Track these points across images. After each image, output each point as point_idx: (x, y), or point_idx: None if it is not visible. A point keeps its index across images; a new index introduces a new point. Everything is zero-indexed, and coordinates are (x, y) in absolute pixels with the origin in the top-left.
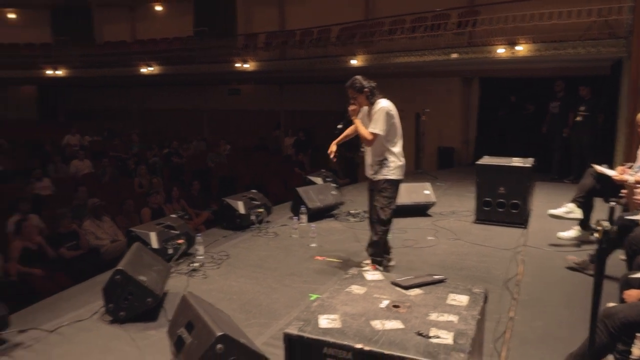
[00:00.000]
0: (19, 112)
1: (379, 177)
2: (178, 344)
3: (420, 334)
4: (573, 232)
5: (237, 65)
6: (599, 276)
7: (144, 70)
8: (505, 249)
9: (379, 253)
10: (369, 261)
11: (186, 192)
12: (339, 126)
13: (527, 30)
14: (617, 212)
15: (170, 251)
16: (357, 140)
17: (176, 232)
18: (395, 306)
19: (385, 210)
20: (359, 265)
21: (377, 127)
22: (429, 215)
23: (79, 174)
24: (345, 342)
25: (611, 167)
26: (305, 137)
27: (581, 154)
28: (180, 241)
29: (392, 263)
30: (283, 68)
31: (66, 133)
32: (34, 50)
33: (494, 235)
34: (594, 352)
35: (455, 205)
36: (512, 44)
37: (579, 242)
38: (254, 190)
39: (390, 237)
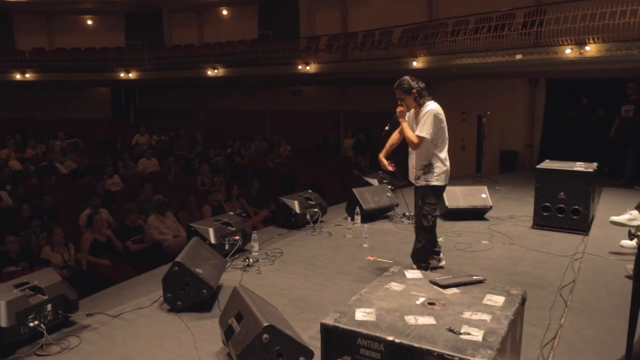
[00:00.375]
0: (93, 112)
1: (422, 182)
2: (228, 333)
3: (451, 330)
4: (637, 240)
5: (299, 67)
6: (638, 279)
7: (209, 72)
8: (563, 256)
9: (424, 259)
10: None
11: (246, 190)
12: (387, 128)
13: (597, 30)
14: None
15: (226, 247)
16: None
17: (233, 228)
18: (430, 303)
19: (427, 217)
20: (409, 266)
21: (424, 130)
22: (486, 219)
23: (146, 172)
24: (378, 334)
25: None
26: (365, 139)
27: None
28: (236, 237)
29: (442, 263)
30: (344, 70)
31: (136, 132)
32: (108, 54)
33: (552, 241)
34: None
35: (514, 210)
36: (580, 43)
37: None
38: (309, 191)
39: (441, 239)
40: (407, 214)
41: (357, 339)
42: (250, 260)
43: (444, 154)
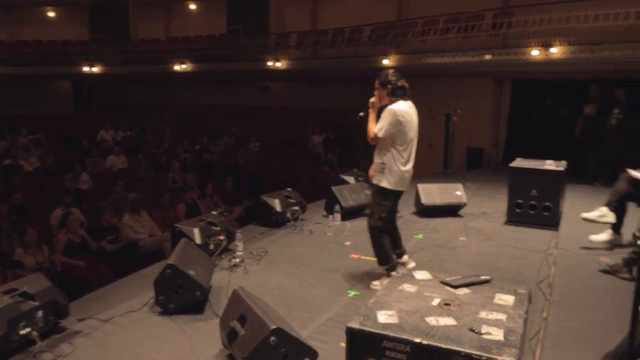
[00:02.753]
0: (55, 107)
1: (375, 181)
2: (231, 336)
3: (472, 330)
4: (605, 235)
5: (269, 63)
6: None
7: (177, 67)
8: (537, 251)
9: (384, 260)
10: (377, 282)
11: (219, 188)
12: (361, 114)
13: (563, 32)
14: None
15: (211, 247)
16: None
17: (217, 228)
18: (446, 304)
19: (374, 216)
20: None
21: (378, 127)
22: (460, 216)
23: (114, 169)
24: (405, 336)
25: None
26: (335, 136)
27: (615, 157)
28: (221, 237)
29: (410, 265)
30: (314, 67)
31: (100, 128)
32: (71, 47)
33: (525, 237)
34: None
35: (486, 207)
36: (546, 45)
37: (611, 245)
38: (289, 189)
39: (420, 236)
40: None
41: (382, 341)
42: (237, 260)
43: (402, 158)
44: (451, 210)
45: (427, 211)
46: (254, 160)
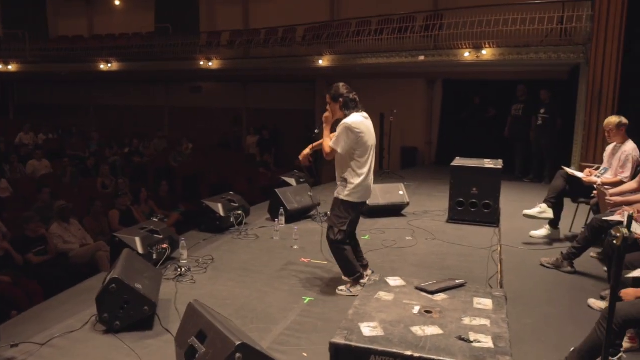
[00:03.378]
0: None
1: (335, 194)
2: (189, 354)
3: (461, 339)
4: (544, 230)
5: (201, 63)
6: (617, 278)
7: (102, 66)
8: (482, 248)
9: (352, 272)
10: (343, 287)
11: (153, 192)
12: (316, 130)
13: (492, 35)
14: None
15: (154, 256)
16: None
17: (160, 236)
18: (427, 311)
19: (333, 230)
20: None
21: (332, 142)
22: (404, 216)
23: (37, 175)
24: (394, 350)
25: (569, 167)
26: (270, 136)
27: (541, 155)
28: (164, 245)
29: (374, 277)
30: (247, 67)
31: (18, 130)
32: None
33: (468, 235)
34: (599, 348)
35: (427, 205)
36: (477, 47)
37: (550, 240)
38: (231, 192)
39: (367, 237)
40: (329, 213)
41: (370, 356)
42: (182, 269)
43: (363, 170)
44: (394, 210)
45: (371, 212)
46: (188, 163)
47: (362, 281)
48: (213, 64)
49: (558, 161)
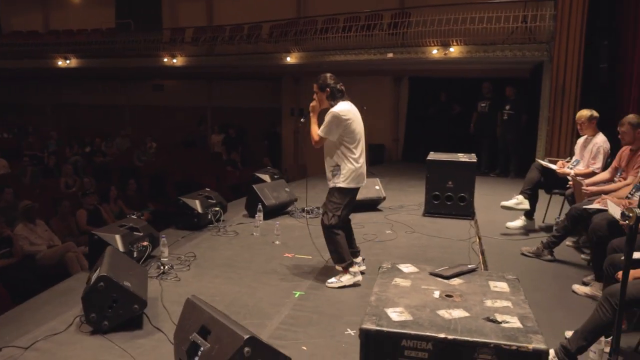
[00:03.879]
0: None
1: (331, 184)
2: (191, 350)
3: (490, 320)
4: (520, 221)
5: (165, 60)
6: (629, 258)
7: (60, 63)
8: (461, 240)
9: (342, 259)
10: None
11: (121, 191)
12: (302, 120)
13: (459, 33)
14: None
15: (135, 254)
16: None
17: (140, 234)
18: (448, 295)
19: (328, 214)
20: (330, 260)
21: (320, 130)
22: (380, 210)
23: None
24: (427, 333)
25: (534, 162)
26: (236, 135)
27: (506, 150)
28: (144, 243)
29: (362, 268)
30: (212, 64)
31: None
32: None
33: (445, 227)
34: (601, 328)
35: (401, 199)
36: (445, 45)
37: (526, 230)
38: (207, 189)
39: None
40: (306, 208)
41: (401, 340)
42: (165, 267)
43: (355, 155)
44: (371, 205)
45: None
46: (154, 162)
47: (351, 269)
48: (177, 61)
49: (523, 156)
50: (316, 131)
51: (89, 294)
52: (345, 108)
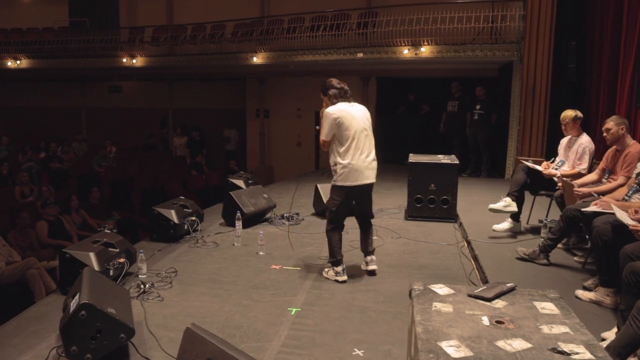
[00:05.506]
0: None
1: (332, 182)
2: None
3: (557, 351)
4: (506, 224)
5: (124, 60)
6: None
7: (10, 63)
8: (450, 244)
9: (330, 254)
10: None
11: (83, 200)
12: (317, 127)
13: (428, 33)
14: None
15: (111, 272)
16: None
17: (116, 250)
18: (498, 322)
19: (328, 210)
20: (320, 270)
21: (322, 133)
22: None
23: None
24: None
25: (505, 161)
26: (200, 137)
27: (477, 149)
28: (121, 260)
29: (371, 267)
30: (173, 64)
31: None
32: None
33: (430, 231)
34: (637, 342)
35: (380, 204)
36: (416, 45)
37: (513, 232)
38: (182, 197)
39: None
40: (285, 215)
41: None
42: (145, 285)
43: (347, 154)
44: (351, 210)
45: (338, 214)
46: (115, 167)
47: (336, 268)
48: (137, 62)
49: (494, 155)
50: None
51: (69, 325)
52: (337, 107)
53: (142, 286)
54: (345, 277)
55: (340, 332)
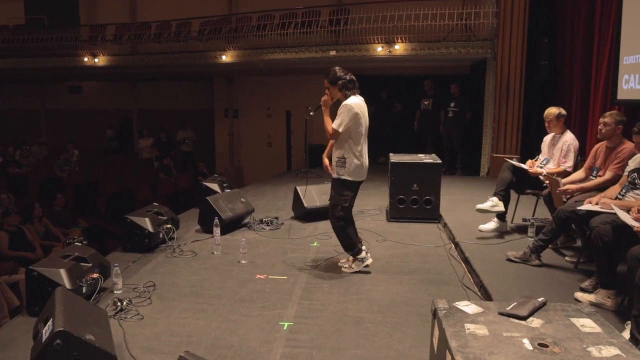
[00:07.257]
0: None
1: (335, 175)
2: None
3: None
4: (493, 223)
5: (85, 59)
6: None
7: None
8: (437, 246)
9: (350, 246)
10: (344, 260)
11: (46, 208)
12: (311, 113)
13: (401, 30)
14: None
15: (84, 290)
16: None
17: (89, 264)
18: (541, 345)
19: (337, 207)
20: (307, 280)
21: (336, 122)
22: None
23: None
24: None
25: (480, 159)
26: (167, 139)
27: (452, 147)
28: (94, 275)
29: (367, 262)
30: (136, 64)
31: None
32: None
33: (415, 233)
34: None
35: (360, 205)
36: (389, 42)
37: (500, 232)
38: (156, 204)
39: (315, 244)
40: (264, 219)
41: None
42: (123, 302)
43: (359, 148)
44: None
45: (309, 214)
46: (78, 171)
47: (359, 256)
48: (99, 61)
49: (469, 153)
50: (330, 124)
51: (42, 356)
52: (357, 102)
53: (119, 304)
54: (370, 260)
55: (338, 348)
